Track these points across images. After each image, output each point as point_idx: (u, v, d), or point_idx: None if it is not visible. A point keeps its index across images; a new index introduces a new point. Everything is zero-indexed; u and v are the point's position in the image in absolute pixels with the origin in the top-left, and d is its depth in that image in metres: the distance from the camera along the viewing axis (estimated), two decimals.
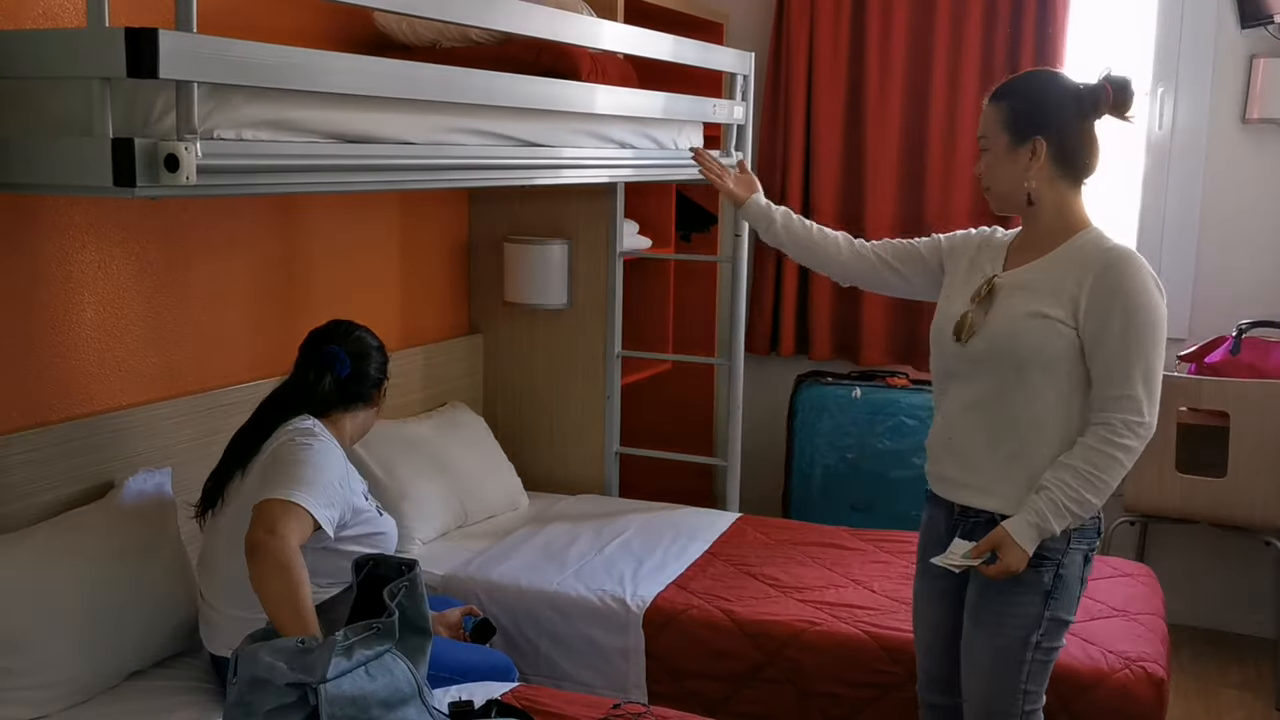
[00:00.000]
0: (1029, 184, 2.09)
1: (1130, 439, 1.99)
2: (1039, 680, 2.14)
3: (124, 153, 1.59)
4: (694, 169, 3.35)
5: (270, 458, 2.22)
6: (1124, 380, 2.00)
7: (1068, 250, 2.09)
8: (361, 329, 2.48)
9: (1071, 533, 2.07)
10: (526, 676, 2.79)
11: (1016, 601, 2.09)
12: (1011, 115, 2.09)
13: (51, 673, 2.16)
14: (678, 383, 4.41)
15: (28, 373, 2.38)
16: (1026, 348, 2.06)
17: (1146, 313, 2.00)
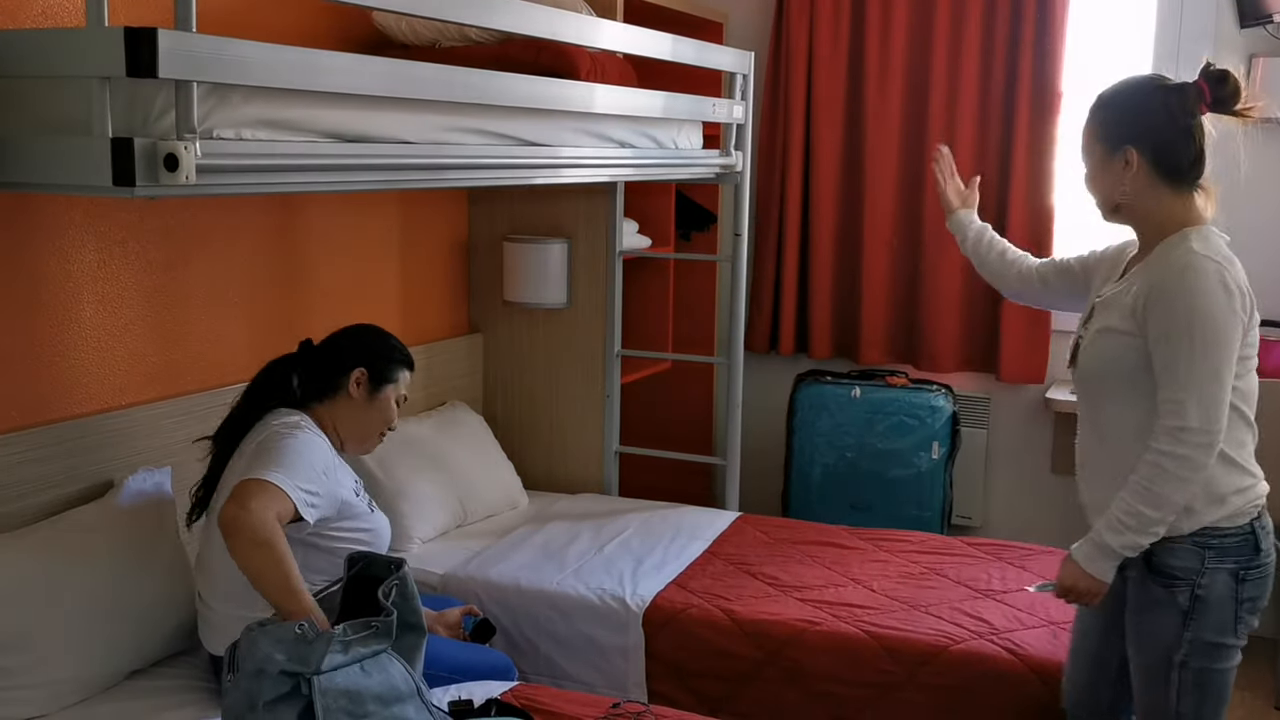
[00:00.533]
0: (1123, 193, 2.07)
1: (1174, 445, 1.94)
2: (1194, 703, 2.05)
3: (123, 152, 1.60)
4: (693, 168, 3.36)
5: (255, 447, 2.21)
6: (1169, 384, 1.96)
7: (1154, 258, 2.06)
8: (368, 325, 2.48)
9: (1205, 551, 2.01)
10: (526, 676, 2.80)
11: (1152, 620, 2.06)
12: (1103, 127, 2.08)
13: (51, 672, 2.17)
14: (677, 382, 4.41)
15: (27, 372, 2.39)
16: (1101, 365, 2.08)
17: (1199, 314, 1.94)
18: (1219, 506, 2.02)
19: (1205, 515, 2.02)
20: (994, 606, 2.82)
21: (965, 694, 2.56)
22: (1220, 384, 1.95)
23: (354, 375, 2.37)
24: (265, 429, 2.26)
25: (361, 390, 2.38)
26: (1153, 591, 2.05)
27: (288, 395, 2.36)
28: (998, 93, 3.97)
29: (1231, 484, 2.02)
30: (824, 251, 4.24)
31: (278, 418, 2.29)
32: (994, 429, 4.22)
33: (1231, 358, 1.96)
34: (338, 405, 2.38)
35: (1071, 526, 4.09)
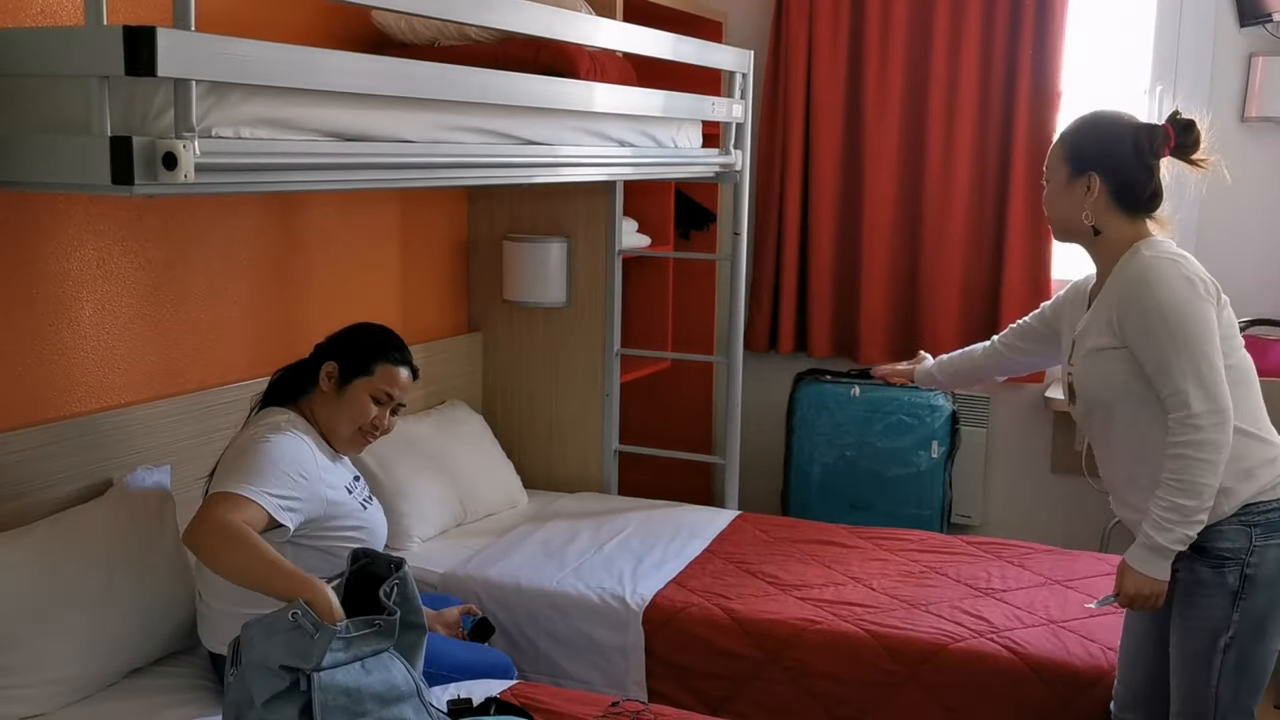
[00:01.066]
0: (1086, 217, 2.16)
1: (1190, 433, 2.00)
2: (1234, 685, 2.08)
3: (122, 151, 1.59)
4: (693, 167, 3.35)
5: (232, 452, 2.21)
6: (1165, 380, 2.03)
7: (1112, 278, 2.16)
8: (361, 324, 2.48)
9: (1252, 529, 2.06)
10: (526, 674, 2.80)
11: (1202, 603, 2.09)
12: (1071, 151, 2.17)
13: (51, 670, 2.16)
14: (677, 381, 4.41)
15: (27, 370, 2.38)
16: (1097, 387, 2.15)
17: (1168, 309, 2.03)
18: (1252, 481, 2.07)
19: (1242, 492, 2.06)
20: (994, 605, 2.82)
21: (965, 692, 2.56)
22: (1211, 364, 2.02)
23: (324, 369, 2.34)
24: (247, 430, 2.27)
25: (331, 384, 2.34)
26: (1200, 574, 2.08)
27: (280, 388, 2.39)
28: (997, 91, 3.97)
29: (1258, 456, 2.08)
30: (823, 250, 4.24)
31: (264, 418, 2.30)
32: (993, 428, 4.22)
33: (1213, 338, 2.03)
34: (314, 400, 2.35)
35: (1071, 525, 4.10)
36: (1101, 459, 2.25)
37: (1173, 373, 2.02)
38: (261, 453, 2.14)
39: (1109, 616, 2.75)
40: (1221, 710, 2.10)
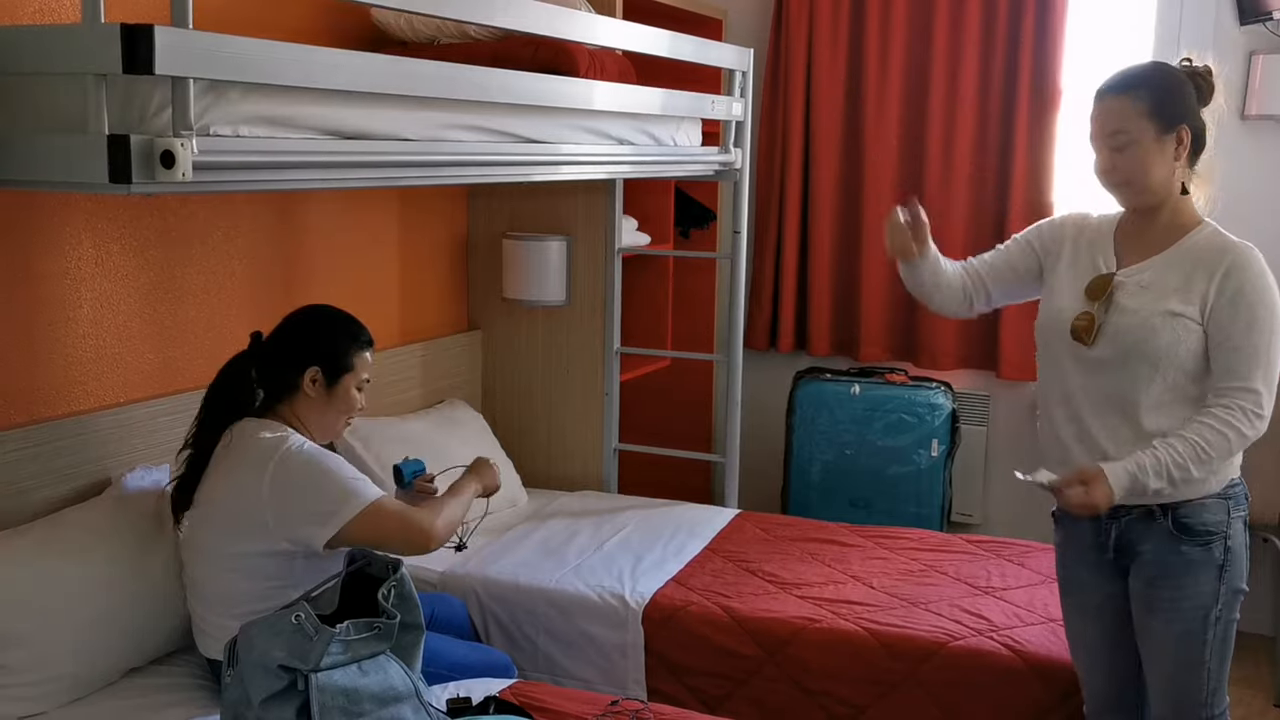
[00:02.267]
0: (1180, 174, 2.11)
1: (1246, 427, 2.04)
2: (1222, 654, 2.14)
3: (120, 149, 1.59)
4: (692, 165, 3.35)
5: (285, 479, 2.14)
6: (1247, 375, 2.04)
7: (1190, 246, 2.11)
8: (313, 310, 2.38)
9: (1228, 502, 2.11)
10: (525, 673, 2.79)
11: (1193, 581, 2.11)
12: (1155, 104, 2.07)
13: (49, 669, 2.16)
14: (676, 379, 4.41)
15: (25, 369, 2.38)
16: (1162, 346, 2.09)
17: (1269, 311, 2.05)
18: (1233, 462, 2.13)
19: (1227, 472, 2.12)
20: (994, 604, 2.81)
21: (964, 691, 2.56)
22: (1276, 378, 2.07)
23: (308, 375, 2.28)
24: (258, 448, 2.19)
25: (318, 388, 2.29)
26: (1189, 555, 2.10)
27: (249, 400, 2.30)
28: (997, 89, 3.97)
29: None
30: (823, 248, 4.24)
31: (257, 431, 2.23)
32: (994, 426, 4.22)
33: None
34: (298, 404, 2.30)
35: None
36: (1091, 404, 2.16)
37: (1258, 369, 2.03)
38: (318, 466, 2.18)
39: None
40: (1212, 686, 2.14)
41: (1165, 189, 2.11)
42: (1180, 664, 2.14)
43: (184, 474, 2.30)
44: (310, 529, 2.15)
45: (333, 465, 2.20)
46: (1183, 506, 2.09)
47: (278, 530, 2.16)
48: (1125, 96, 2.09)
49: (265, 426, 2.26)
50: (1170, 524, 2.10)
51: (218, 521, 2.21)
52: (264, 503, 2.15)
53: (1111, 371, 2.13)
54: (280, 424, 2.28)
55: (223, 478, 2.23)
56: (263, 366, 2.32)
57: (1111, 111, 2.10)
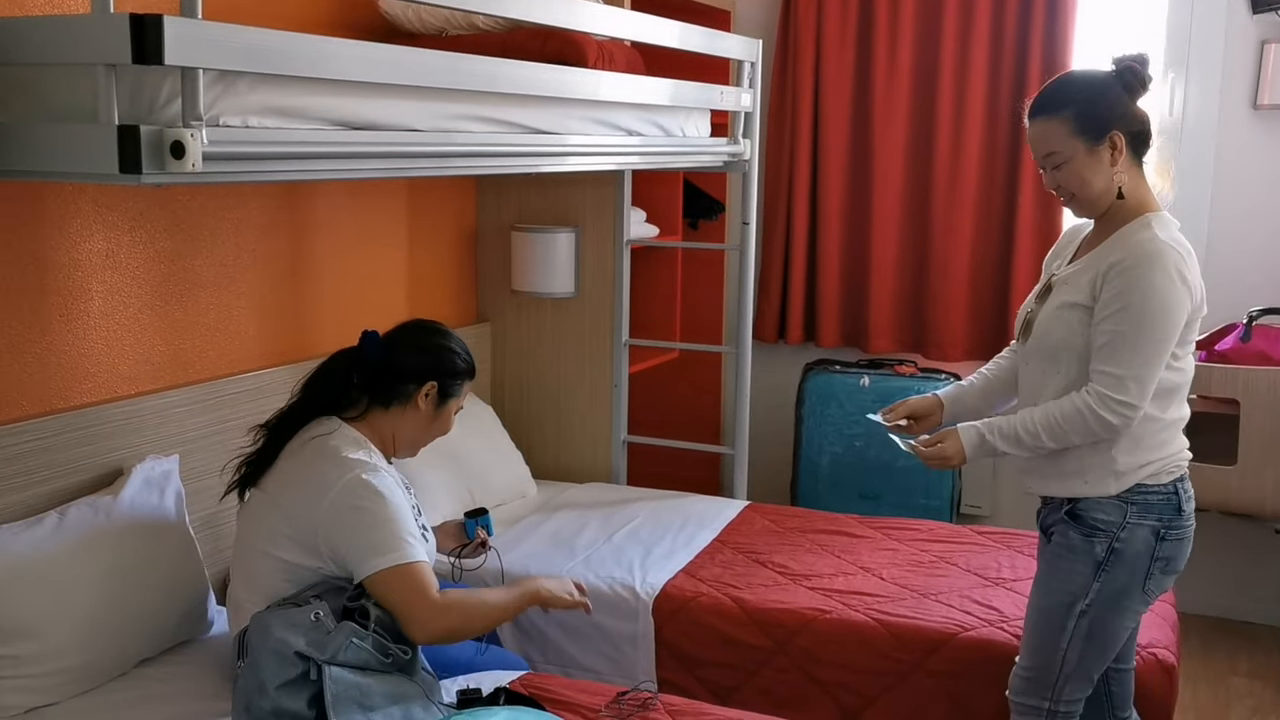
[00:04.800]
0: (1119, 178, 2.12)
1: (1105, 412, 2.07)
2: (1081, 651, 2.17)
3: (130, 139, 1.59)
4: (701, 156, 3.34)
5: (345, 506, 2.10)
6: (1111, 358, 2.07)
7: (1117, 239, 2.14)
8: (433, 326, 2.34)
9: (1129, 506, 2.13)
10: (536, 665, 2.80)
11: (1066, 565, 2.18)
12: (1080, 121, 2.10)
13: (60, 660, 2.17)
14: (685, 371, 4.40)
15: (36, 360, 2.39)
16: (1056, 339, 2.16)
17: (1152, 297, 2.05)
18: (1145, 469, 2.14)
19: (1134, 477, 2.14)
20: (1004, 595, 2.81)
21: (975, 681, 2.55)
22: (1157, 368, 2.08)
23: (425, 389, 2.24)
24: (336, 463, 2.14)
25: (430, 404, 2.26)
26: (1072, 540, 2.17)
27: (347, 400, 2.26)
28: (1007, 79, 3.96)
29: (1165, 451, 2.16)
30: (832, 240, 4.23)
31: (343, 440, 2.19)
32: None
33: (1170, 345, 2.08)
34: (404, 416, 2.25)
35: None
36: (1022, 396, 2.28)
37: (1122, 357, 2.06)
38: (389, 513, 2.10)
39: None
40: (1065, 673, 2.19)
41: (1108, 197, 2.15)
42: (1040, 639, 2.22)
43: (260, 450, 2.25)
44: (351, 561, 2.11)
45: (393, 511, 2.12)
46: (1082, 501, 2.16)
47: (324, 549, 2.12)
48: (1051, 119, 2.12)
49: (353, 439, 2.20)
50: (1065, 512, 2.19)
51: (275, 517, 2.17)
52: (318, 521, 2.11)
53: (1031, 364, 2.25)
54: (367, 438, 2.23)
55: (292, 477, 2.18)
56: (375, 371, 2.25)
57: (1040, 135, 2.14)
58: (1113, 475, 2.13)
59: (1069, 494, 2.18)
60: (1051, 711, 2.22)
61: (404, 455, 2.34)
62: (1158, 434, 2.15)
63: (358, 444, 2.20)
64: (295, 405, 2.27)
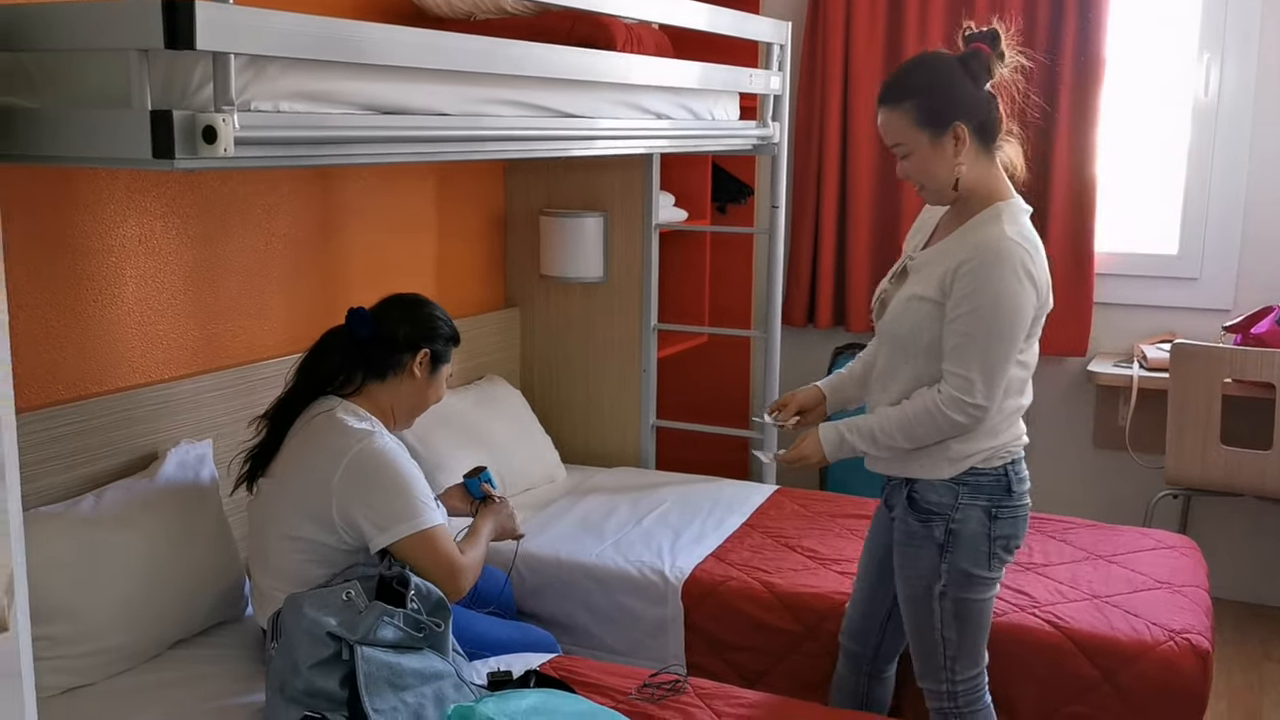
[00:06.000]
0: (959, 169, 2.13)
1: (955, 413, 2.11)
2: (958, 629, 2.24)
3: (163, 124, 1.60)
4: (730, 139, 3.33)
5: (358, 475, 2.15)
6: (961, 359, 2.10)
7: (968, 229, 2.15)
8: (416, 298, 2.39)
9: (961, 488, 2.18)
10: (565, 647, 2.80)
11: (913, 554, 2.25)
12: (921, 113, 2.10)
13: (96, 641, 2.20)
14: (714, 355, 4.39)
15: (72, 345, 2.41)
16: (905, 330, 2.18)
17: (1001, 299, 2.07)
18: (978, 455, 2.18)
19: (968, 462, 2.18)
20: (1035, 580, 2.79)
21: (1006, 666, 2.54)
22: (1005, 368, 2.12)
23: (419, 357, 2.31)
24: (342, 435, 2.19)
25: (424, 371, 2.33)
26: (912, 527, 2.24)
27: (338, 376, 2.31)
28: (1040, 62, 3.91)
29: (998, 436, 2.19)
30: (861, 223, 4.20)
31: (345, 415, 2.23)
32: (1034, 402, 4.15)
33: (1018, 344, 2.12)
34: (400, 386, 2.32)
35: (1114, 501, 4.06)
36: (874, 381, 2.31)
37: (970, 358, 2.09)
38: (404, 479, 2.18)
39: (1153, 592, 2.72)
40: (949, 654, 2.25)
41: (950, 187, 2.15)
42: (915, 628, 2.28)
43: (263, 441, 2.31)
44: (368, 530, 2.16)
45: (407, 478, 2.19)
46: (918, 484, 2.22)
47: (339, 521, 2.17)
48: (894, 110, 2.12)
49: (354, 412, 2.25)
50: (905, 495, 2.24)
51: (287, 498, 2.22)
52: (331, 491, 2.16)
53: (883, 349, 2.27)
54: (368, 411, 2.28)
55: (300, 456, 2.23)
56: (366, 345, 2.30)
57: (887, 125, 2.15)
58: (947, 460, 2.18)
59: (905, 474, 2.24)
60: (951, 693, 2.28)
61: (402, 426, 2.39)
62: (997, 424, 2.18)
63: (360, 417, 2.25)
64: (292, 390, 2.33)
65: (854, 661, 2.49)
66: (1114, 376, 3.84)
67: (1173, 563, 2.92)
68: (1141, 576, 2.81)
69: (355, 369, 2.31)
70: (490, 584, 2.77)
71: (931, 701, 2.32)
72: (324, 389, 2.31)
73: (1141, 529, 3.23)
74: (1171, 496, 3.73)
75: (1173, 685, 2.43)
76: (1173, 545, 3.05)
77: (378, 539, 2.16)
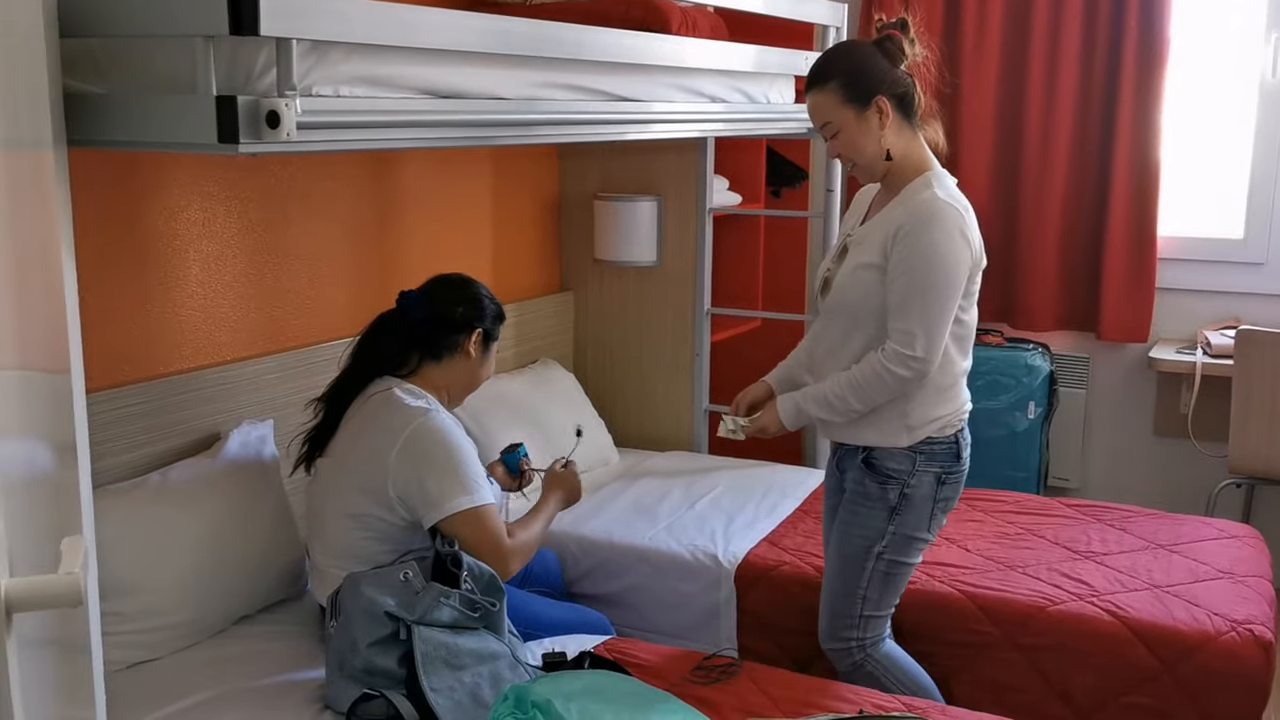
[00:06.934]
0: (886, 142, 2.25)
1: (900, 368, 2.21)
2: (880, 589, 2.37)
3: (227, 109, 1.62)
4: (785, 123, 3.31)
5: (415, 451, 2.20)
6: (903, 316, 2.21)
7: (901, 199, 2.27)
8: (463, 278, 2.44)
9: (918, 455, 2.30)
10: (619, 629, 2.82)
11: (864, 513, 2.34)
12: (844, 90, 2.24)
13: (163, 617, 2.25)
14: (767, 340, 4.36)
15: (138, 327, 2.46)
16: (855, 299, 2.28)
17: (934, 256, 2.19)
18: (934, 424, 2.31)
19: (924, 431, 2.30)
20: (1094, 569, 2.76)
21: (1064, 655, 2.52)
22: (945, 322, 2.23)
23: (473, 337, 2.36)
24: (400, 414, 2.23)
25: (478, 350, 2.38)
26: (868, 488, 2.34)
27: (396, 357, 2.35)
28: (1103, 42, 3.84)
29: (949, 406, 2.33)
30: None
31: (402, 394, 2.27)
32: (1093, 389, 4.12)
33: (956, 299, 2.24)
34: (455, 366, 2.36)
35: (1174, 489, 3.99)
36: (820, 359, 2.40)
37: (912, 314, 2.20)
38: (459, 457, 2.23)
39: (1216, 582, 2.68)
40: (865, 613, 2.38)
41: (881, 160, 2.27)
42: (842, 582, 2.38)
43: (320, 423, 2.36)
44: (421, 506, 2.20)
45: (461, 455, 2.23)
46: (875, 451, 2.32)
47: (394, 496, 2.21)
48: (820, 91, 2.26)
49: (411, 391, 2.30)
50: (861, 460, 2.34)
51: (346, 476, 2.26)
52: (388, 467, 2.20)
53: (831, 323, 2.36)
54: (424, 390, 2.32)
55: (358, 435, 2.28)
56: (420, 326, 2.34)
57: (814, 106, 2.29)
58: (905, 429, 2.29)
59: (862, 442, 2.33)
60: (860, 644, 2.39)
61: (455, 405, 2.44)
62: (945, 388, 2.30)
63: (417, 395, 2.29)
64: (348, 372, 2.38)
65: None
66: (1176, 363, 3.77)
67: (1236, 552, 2.87)
68: (1203, 566, 2.77)
69: (410, 351, 2.35)
70: (540, 564, 2.79)
71: (842, 660, 2.42)
72: (379, 371, 2.35)
73: (1204, 518, 3.18)
74: (1235, 485, 3.67)
75: (1234, 676, 2.39)
76: (1236, 535, 3.00)
77: (429, 515, 2.20)
